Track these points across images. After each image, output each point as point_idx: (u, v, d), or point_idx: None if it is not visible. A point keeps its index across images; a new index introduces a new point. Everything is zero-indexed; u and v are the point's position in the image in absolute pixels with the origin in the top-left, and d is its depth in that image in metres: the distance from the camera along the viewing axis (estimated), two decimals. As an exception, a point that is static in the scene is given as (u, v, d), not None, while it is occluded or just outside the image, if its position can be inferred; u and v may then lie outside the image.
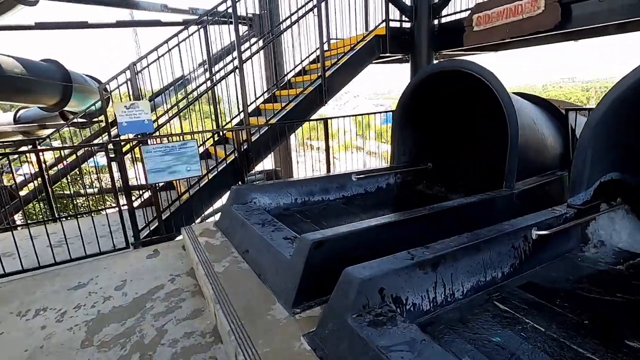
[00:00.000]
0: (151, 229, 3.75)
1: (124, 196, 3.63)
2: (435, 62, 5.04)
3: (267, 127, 4.13)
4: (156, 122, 4.46)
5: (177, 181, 3.92)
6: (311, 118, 4.63)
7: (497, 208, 3.02)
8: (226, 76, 4.21)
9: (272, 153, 5.47)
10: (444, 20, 4.86)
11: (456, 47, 4.66)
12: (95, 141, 5.19)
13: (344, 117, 4.81)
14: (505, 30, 3.94)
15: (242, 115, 5.10)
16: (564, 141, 3.76)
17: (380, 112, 4.76)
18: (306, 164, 5.56)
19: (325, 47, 4.65)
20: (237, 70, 3.95)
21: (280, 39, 5.94)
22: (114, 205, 4.72)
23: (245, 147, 3.98)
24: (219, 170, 3.98)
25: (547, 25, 3.59)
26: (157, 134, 4.23)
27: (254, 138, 4.06)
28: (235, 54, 5.36)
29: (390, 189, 4.39)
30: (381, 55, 4.89)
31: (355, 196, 4.13)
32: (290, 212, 3.67)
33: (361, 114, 4.85)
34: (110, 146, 3.54)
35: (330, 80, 4.52)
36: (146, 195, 4.70)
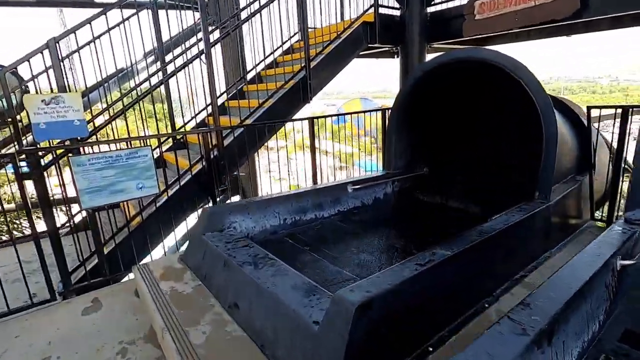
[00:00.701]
0: (88, 268, 2.75)
1: (43, 219, 2.59)
2: (428, 55, 4.53)
3: (242, 129, 3.30)
4: (91, 124, 3.41)
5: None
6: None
7: (537, 224, 2.53)
8: (187, 64, 3.30)
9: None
10: (438, 7, 4.34)
11: (453, 38, 4.18)
12: (4, 150, 3.92)
13: (331, 115, 4.12)
14: (514, 19, 3.52)
15: (205, 113, 4.21)
16: (579, 143, 3.43)
17: (375, 110, 4.14)
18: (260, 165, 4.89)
19: (303, 35, 3.93)
20: (202, 56, 3.07)
21: (246, 26, 5.07)
22: (27, 233, 3.56)
23: (215, 153, 3.12)
24: (181, 184, 3.08)
25: (565, 13, 3.20)
26: (93, 139, 3.21)
27: (226, 142, 3.21)
28: (189, 42, 4.41)
29: (387, 199, 3.85)
30: (369, 45, 4.27)
31: (352, 210, 3.51)
32: (279, 237, 2.91)
33: (352, 113, 4.21)
34: (23, 157, 2.51)
35: (314, 73, 3.81)
36: (79, 217, 3.58)
